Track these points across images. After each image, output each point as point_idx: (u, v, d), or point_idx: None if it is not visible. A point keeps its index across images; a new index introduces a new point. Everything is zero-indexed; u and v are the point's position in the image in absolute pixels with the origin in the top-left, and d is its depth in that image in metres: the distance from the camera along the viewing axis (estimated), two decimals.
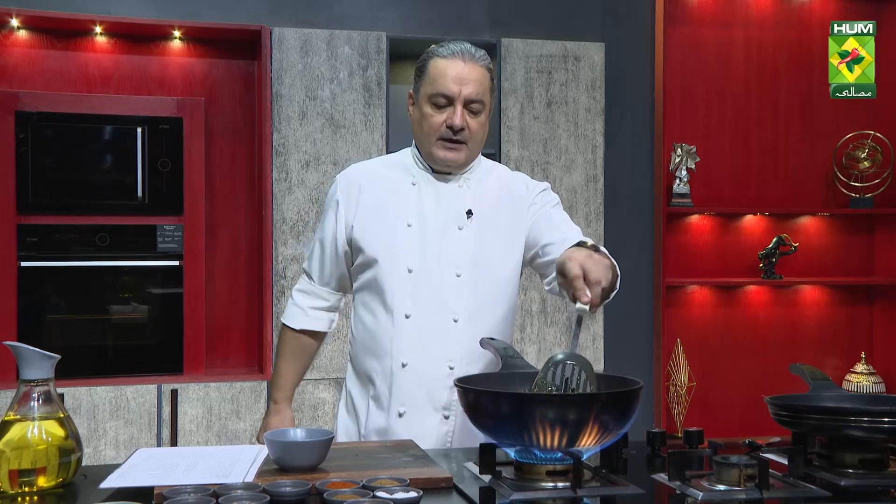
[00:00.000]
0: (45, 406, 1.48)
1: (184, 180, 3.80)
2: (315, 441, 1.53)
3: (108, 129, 3.77)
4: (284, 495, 1.37)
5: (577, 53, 4.11)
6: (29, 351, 1.47)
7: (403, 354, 2.00)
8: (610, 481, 1.53)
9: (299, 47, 3.82)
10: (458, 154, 2.03)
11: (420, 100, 2.05)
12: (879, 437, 1.58)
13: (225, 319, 4.06)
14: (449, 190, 2.07)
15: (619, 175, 4.34)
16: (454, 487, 1.51)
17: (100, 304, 3.78)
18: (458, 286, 2.01)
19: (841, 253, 4.66)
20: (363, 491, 1.39)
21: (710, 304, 4.58)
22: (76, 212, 3.72)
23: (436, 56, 2.03)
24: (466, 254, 2.03)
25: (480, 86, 2.01)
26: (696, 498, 1.44)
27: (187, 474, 1.46)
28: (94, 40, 3.91)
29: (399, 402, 2.00)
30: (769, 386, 4.47)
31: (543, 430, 1.46)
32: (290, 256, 3.80)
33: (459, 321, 2.00)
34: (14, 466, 1.41)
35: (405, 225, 2.04)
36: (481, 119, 2.04)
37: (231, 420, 3.73)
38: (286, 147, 3.81)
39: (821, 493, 1.48)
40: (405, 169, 2.11)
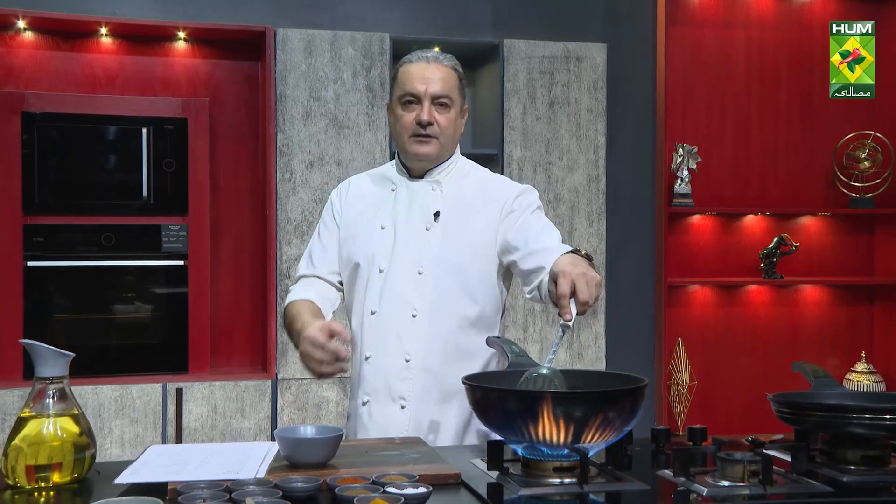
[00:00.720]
0: (59, 403, 1.51)
1: (188, 180, 3.82)
2: (325, 438, 1.55)
3: (114, 129, 3.79)
4: (296, 491, 1.39)
5: (580, 54, 4.13)
6: (44, 349, 1.49)
7: (367, 348, 2.12)
8: (615, 477, 1.55)
9: (303, 48, 3.85)
10: (429, 147, 2.13)
11: (393, 104, 2.17)
12: (881, 433, 1.61)
13: (229, 319, 4.08)
14: (422, 192, 2.17)
15: (620, 175, 4.36)
16: (462, 483, 1.53)
17: (105, 304, 3.80)
18: (418, 283, 2.10)
19: (841, 253, 4.69)
20: (374, 486, 1.41)
21: (712, 304, 4.60)
22: (82, 212, 3.74)
23: (405, 63, 2.16)
24: (430, 252, 2.11)
25: (445, 83, 2.12)
26: (701, 493, 1.47)
27: (200, 470, 1.49)
28: (99, 41, 3.93)
29: (364, 392, 2.12)
30: (770, 385, 4.49)
31: (550, 426, 1.48)
32: (294, 256, 3.82)
33: (418, 316, 2.09)
34: (31, 462, 1.44)
35: (380, 228, 2.15)
36: (450, 115, 2.14)
37: (236, 419, 3.75)
38: (290, 147, 3.83)
39: (823, 489, 1.50)
40: (387, 178, 2.23)
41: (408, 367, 2.07)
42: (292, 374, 3.82)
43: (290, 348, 3.81)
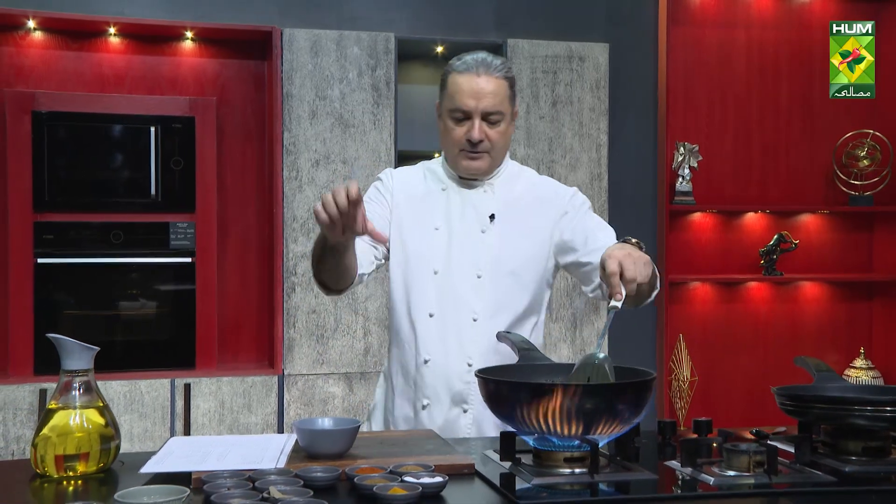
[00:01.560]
0: (85, 395, 1.55)
1: (196, 178, 3.86)
2: (343, 429, 1.60)
3: (122, 128, 3.83)
4: (316, 480, 1.44)
5: (582, 54, 4.17)
6: (71, 343, 1.54)
7: (426, 351, 2.10)
8: (625, 467, 1.59)
9: (309, 48, 3.88)
10: (480, 163, 2.11)
11: (443, 114, 2.14)
12: (882, 425, 1.65)
13: (236, 315, 4.12)
14: (475, 195, 2.16)
15: (622, 173, 4.40)
16: (476, 473, 1.58)
17: (114, 300, 3.85)
18: (477, 287, 2.10)
19: (841, 250, 4.73)
20: (391, 476, 1.45)
21: (712, 301, 4.65)
22: (91, 209, 3.78)
23: (453, 71, 2.10)
24: (488, 256, 2.11)
25: (496, 97, 2.07)
26: (708, 483, 1.51)
27: (221, 461, 1.53)
28: (107, 41, 3.97)
29: (422, 396, 2.11)
30: (770, 381, 4.53)
31: (561, 418, 1.53)
32: (301, 253, 3.86)
33: (479, 320, 2.09)
34: (59, 452, 1.48)
35: (433, 228, 2.13)
36: (501, 128, 2.10)
37: (243, 414, 3.80)
38: (296, 146, 3.87)
39: (826, 479, 1.55)
40: (437, 175, 2.21)
41: (470, 370, 2.05)
42: (298, 370, 3.86)
43: (297, 345, 3.86)
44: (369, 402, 3.91)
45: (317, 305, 3.88)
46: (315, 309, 3.88)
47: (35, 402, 3.59)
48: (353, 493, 1.44)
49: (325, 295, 2.23)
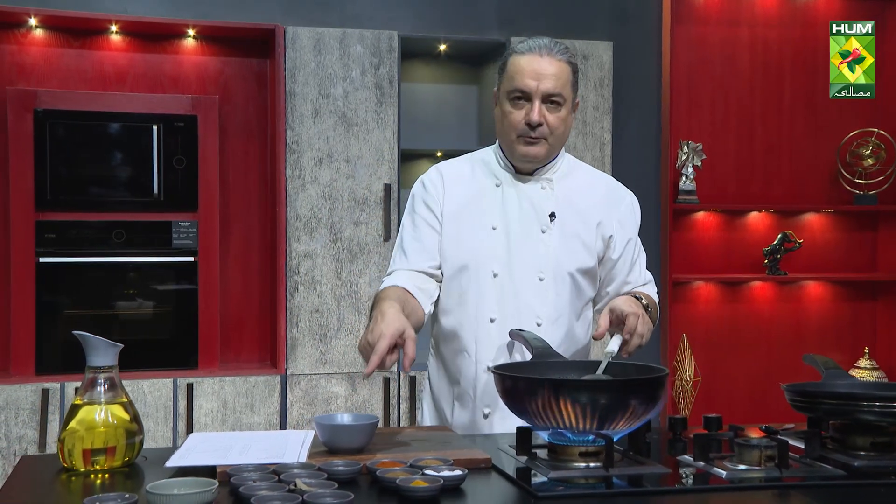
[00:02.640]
0: (110, 391, 1.62)
1: (198, 177, 3.92)
2: (363, 424, 1.66)
3: (124, 126, 3.89)
4: (339, 473, 1.50)
5: (586, 52, 4.24)
6: (96, 340, 1.60)
7: (488, 357, 2.07)
8: (638, 462, 1.66)
9: (312, 46, 3.94)
10: (538, 149, 2.06)
11: (500, 97, 2.09)
12: (890, 420, 1.72)
13: (239, 315, 4.18)
14: (532, 191, 2.11)
15: (626, 172, 4.44)
16: (493, 467, 1.64)
17: (116, 300, 3.90)
18: (540, 290, 2.07)
19: (845, 249, 4.81)
20: (412, 470, 1.52)
21: (716, 300, 4.72)
22: (93, 208, 3.84)
23: (514, 53, 2.07)
24: (549, 257, 2.08)
25: (558, 80, 2.03)
26: (721, 476, 1.58)
27: (244, 455, 1.59)
28: (109, 39, 4.03)
29: (484, 403, 2.08)
30: (774, 380, 4.60)
31: (577, 413, 1.59)
32: (304, 252, 3.92)
33: (543, 325, 2.06)
34: (87, 446, 1.55)
35: (490, 228, 2.09)
36: (561, 114, 2.05)
37: (245, 414, 3.85)
38: (299, 144, 3.93)
39: (836, 472, 1.61)
40: (489, 169, 2.16)
41: None
42: (301, 370, 3.92)
43: (300, 344, 3.92)
44: (372, 402, 3.98)
45: (319, 305, 3.94)
46: (318, 308, 3.95)
47: (37, 402, 3.65)
48: (374, 485, 1.50)
49: None
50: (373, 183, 3.99)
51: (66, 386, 3.68)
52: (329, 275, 3.95)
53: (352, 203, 3.97)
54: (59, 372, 3.74)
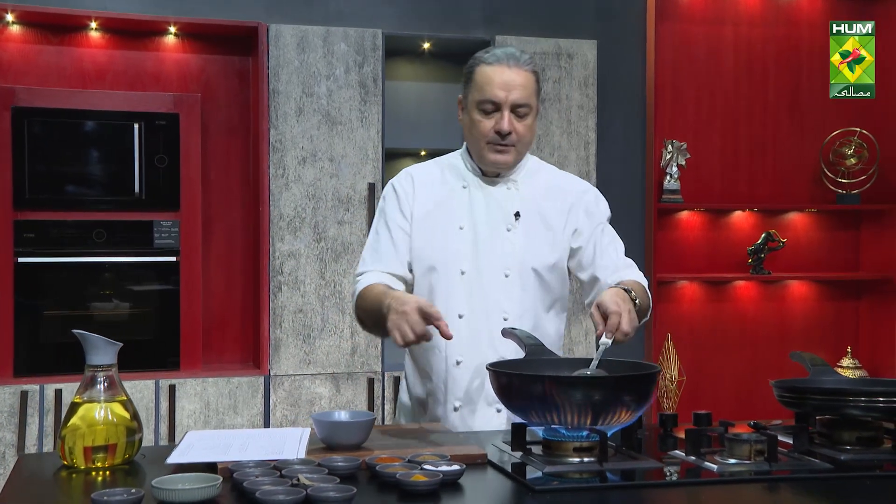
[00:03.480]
0: (109, 389, 1.66)
1: (180, 176, 3.95)
2: (361, 421, 1.72)
3: (105, 124, 3.92)
4: (339, 469, 1.56)
5: (571, 51, 4.31)
6: (95, 338, 1.64)
7: (457, 352, 2.17)
8: (631, 456, 1.73)
9: (296, 44, 3.99)
10: (508, 156, 2.18)
11: (469, 106, 2.20)
12: (875, 415, 1.80)
13: (221, 315, 4.22)
14: (498, 192, 2.23)
15: (611, 171, 4.54)
16: (489, 463, 1.70)
17: (96, 300, 3.93)
18: (506, 286, 2.18)
19: (828, 248, 4.92)
20: (410, 465, 1.57)
21: (700, 300, 4.81)
22: (73, 207, 3.87)
23: (482, 63, 2.16)
24: (514, 254, 2.19)
25: (525, 90, 2.14)
26: (712, 470, 1.65)
27: (243, 452, 1.65)
28: (88, 36, 4.05)
29: (454, 397, 2.17)
30: (758, 380, 4.72)
31: (571, 409, 1.66)
32: (287, 252, 3.97)
33: (509, 319, 2.17)
34: (88, 443, 1.59)
35: (458, 228, 2.21)
36: (528, 122, 2.18)
37: (228, 415, 3.90)
38: (283, 143, 3.98)
39: (823, 466, 1.69)
40: (457, 172, 2.28)
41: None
42: (285, 371, 3.97)
43: (283, 345, 3.96)
44: (356, 403, 4.03)
45: (303, 305, 3.99)
46: (301, 308, 3.99)
47: (16, 405, 3.67)
48: (373, 480, 1.56)
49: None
50: (357, 182, 4.04)
51: (46, 388, 3.71)
52: (313, 275, 4.00)
53: (336, 202, 4.02)
54: (38, 373, 3.77)
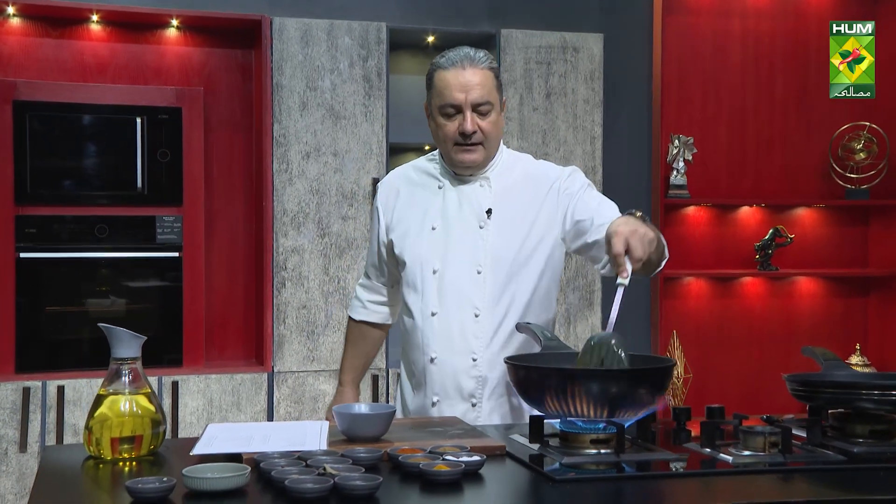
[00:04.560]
0: (134, 382, 1.74)
1: (183, 171, 4.02)
2: (382, 413, 1.80)
3: (107, 119, 3.98)
4: (362, 459, 1.63)
5: (576, 44, 4.38)
6: (121, 332, 1.72)
7: (431, 349, 2.30)
8: (646, 448, 1.81)
9: (300, 38, 4.06)
10: (475, 155, 2.29)
11: (433, 111, 2.32)
12: (888, 408, 1.88)
13: (224, 311, 4.29)
14: (471, 190, 2.34)
15: (617, 166, 4.61)
16: (507, 454, 1.78)
17: (98, 296, 4.00)
18: (478, 282, 2.28)
19: (836, 244, 4.99)
20: (432, 456, 1.65)
21: (707, 296, 4.88)
22: (75, 203, 3.93)
23: (438, 69, 2.29)
24: (486, 251, 2.29)
25: (483, 88, 2.25)
26: (728, 462, 1.72)
27: (266, 443, 1.72)
28: (90, 29, 4.11)
29: (432, 392, 2.31)
30: (765, 377, 4.81)
31: (588, 402, 1.73)
32: (291, 248, 4.04)
33: (481, 315, 2.27)
34: (115, 434, 1.67)
35: (430, 228, 2.33)
36: (492, 118, 2.28)
37: (232, 412, 3.96)
38: (287, 138, 4.04)
39: (837, 458, 1.77)
40: (432, 174, 2.40)
41: (476, 365, 2.26)
42: (288, 367, 4.04)
43: (287, 341, 4.03)
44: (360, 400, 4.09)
45: (307, 301, 4.06)
46: (305, 304, 4.06)
47: (18, 401, 3.74)
48: (396, 471, 1.64)
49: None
50: (361, 177, 4.11)
51: (48, 384, 3.77)
52: (317, 270, 4.07)
53: (339, 198, 4.09)
54: (40, 370, 3.83)
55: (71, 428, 3.76)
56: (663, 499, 1.61)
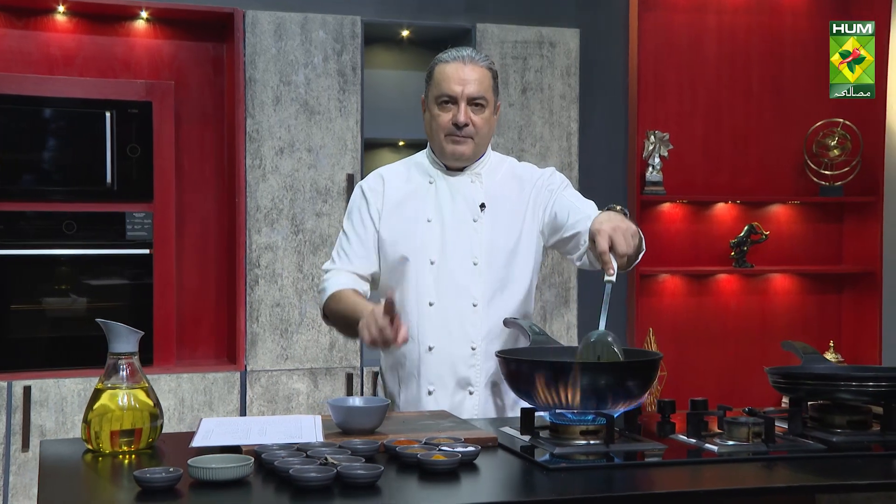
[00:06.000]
0: (132, 376, 1.82)
1: (153, 166, 4.07)
2: (377, 406, 1.90)
3: (75, 112, 4.02)
4: (360, 450, 1.73)
5: (553, 39, 4.50)
6: (118, 326, 1.80)
7: (429, 338, 2.42)
8: (634, 439, 1.92)
9: (273, 31, 4.13)
10: (465, 147, 2.45)
11: (429, 102, 2.48)
12: (865, 399, 2.01)
13: (196, 309, 4.35)
14: (462, 185, 2.49)
15: (593, 162, 4.73)
16: (500, 446, 1.89)
17: (67, 294, 4.05)
18: (475, 273, 2.43)
19: (811, 241, 5.16)
20: (428, 447, 1.75)
21: (682, 293, 5.03)
22: (42, 198, 3.97)
23: (440, 62, 2.47)
24: (481, 243, 2.44)
25: (481, 84, 2.43)
26: (713, 451, 1.85)
27: (263, 436, 1.81)
28: (55, 20, 4.16)
29: (428, 382, 2.42)
30: (740, 374, 4.96)
31: (578, 394, 1.84)
32: (264, 245, 4.12)
33: (478, 305, 2.42)
34: (116, 427, 1.75)
35: (425, 220, 2.46)
36: (485, 115, 2.45)
37: (204, 411, 4.03)
38: (260, 133, 4.12)
39: (817, 447, 1.90)
40: (423, 169, 2.53)
41: (474, 354, 2.40)
42: (262, 366, 4.11)
43: (260, 339, 4.11)
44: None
45: (280, 299, 4.14)
46: (279, 302, 4.14)
47: None
48: (393, 461, 1.74)
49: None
50: (335, 173, 4.20)
51: (14, 385, 3.81)
52: (290, 268, 4.15)
53: (314, 194, 4.17)
54: (6, 370, 3.87)
55: (38, 429, 3.81)
56: (653, 486, 1.73)
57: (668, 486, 1.71)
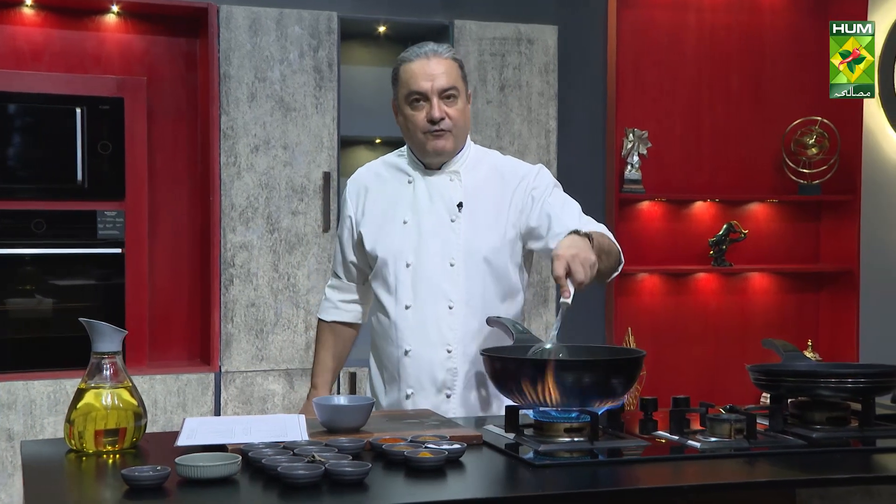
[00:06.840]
0: (115, 376, 1.86)
1: (125, 164, 4.09)
2: (362, 405, 1.95)
3: (44, 108, 4.03)
4: (346, 448, 1.78)
5: (531, 36, 4.55)
6: (102, 325, 1.83)
7: (406, 342, 2.46)
8: (618, 436, 1.98)
9: (248, 26, 4.16)
10: (446, 141, 2.47)
11: (400, 104, 2.51)
12: (843, 395, 2.08)
13: (169, 310, 4.37)
14: (440, 184, 2.51)
15: (571, 160, 4.79)
16: (485, 444, 1.94)
17: (36, 294, 4.06)
18: (451, 275, 2.46)
19: (789, 240, 5.25)
20: (414, 445, 1.80)
21: (661, 292, 5.10)
22: (10, 196, 3.97)
23: (404, 62, 2.50)
24: (459, 244, 2.46)
25: (449, 76, 2.46)
26: (696, 448, 1.91)
27: (249, 435, 1.85)
28: (22, 13, 4.16)
29: (406, 385, 2.47)
30: (719, 373, 5.04)
31: (562, 391, 1.90)
32: (239, 243, 4.14)
33: (455, 307, 2.45)
34: (100, 427, 1.78)
35: (402, 222, 2.49)
36: (459, 105, 2.48)
37: (177, 413, 4.05)
38: (235, 130, 4.14)
39: (797, 443, 1.97)
40: (401, 169, 2.57)
41: (450, 357, 2.43)
42: (236, 367, 4.14)
43: (235, 340, 4.14)
44: None
45: (255, 298, 4.17)
46: (254, 302, 4.17)
47: None
48: (380, 459, 1.78)
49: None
50: (312, 171, 4.23)
51: None
52: (266, 267, 4.18)
53: (290, 192, 4.21)
54: None
55: (5, 432, 3.82)
56: (637, 482, 1.78)
57: (652, 481, 1.77)
